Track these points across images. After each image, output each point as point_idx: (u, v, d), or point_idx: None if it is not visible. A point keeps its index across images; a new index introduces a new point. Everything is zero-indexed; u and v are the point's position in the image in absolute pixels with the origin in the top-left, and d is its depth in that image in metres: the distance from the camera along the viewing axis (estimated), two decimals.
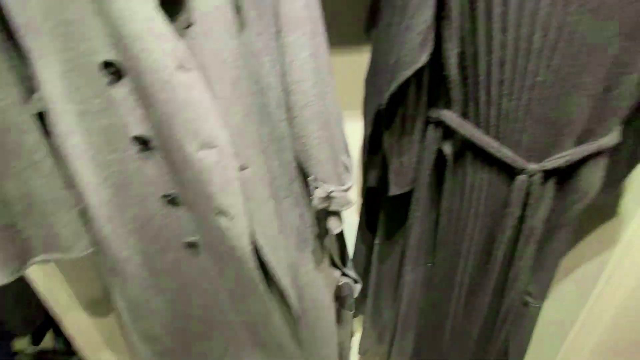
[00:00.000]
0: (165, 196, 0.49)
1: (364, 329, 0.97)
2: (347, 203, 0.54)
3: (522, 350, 0.71)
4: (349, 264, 1.02)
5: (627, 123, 0.51)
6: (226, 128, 0.43)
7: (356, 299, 1.01)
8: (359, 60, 0.67)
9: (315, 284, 0.70)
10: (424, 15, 0.44)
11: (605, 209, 0.66)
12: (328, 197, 0.52)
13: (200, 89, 0.40)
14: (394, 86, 0.49)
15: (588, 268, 0.72)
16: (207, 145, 0.42)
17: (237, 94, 0.44)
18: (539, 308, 0.65)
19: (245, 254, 0.50)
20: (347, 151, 0.62)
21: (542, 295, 0.65)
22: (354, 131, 0.67)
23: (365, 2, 0.63)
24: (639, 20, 0.42)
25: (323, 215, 0.58)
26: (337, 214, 0.56)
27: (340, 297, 0.95)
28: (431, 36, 0.47)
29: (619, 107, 0.47)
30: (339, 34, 0.76)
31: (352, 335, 1.08)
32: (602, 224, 0.68)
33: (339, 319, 1.01)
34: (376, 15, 0.58)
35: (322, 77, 0.48)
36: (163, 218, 0.50)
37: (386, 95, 0.51)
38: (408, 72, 0.48)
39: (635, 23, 0.42)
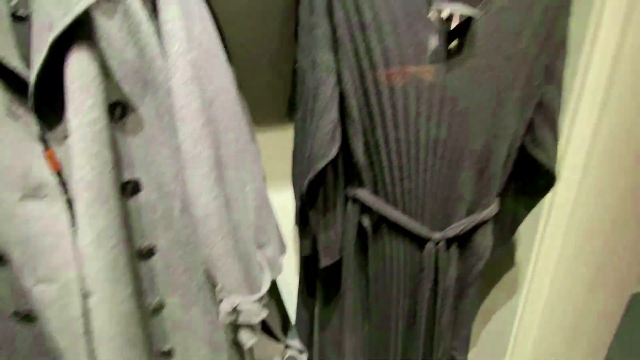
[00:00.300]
0: (16, 313, 0.45)
1: None
2: (258, 314, 0.52)
3: None
4: (292, 333, 0.99)
5: (503, 195, 0.62)
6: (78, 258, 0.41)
7: None
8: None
9: None
10: (330, 117, 0.52)
11: (504, 264, 0.77)
12: (235, 310, 0.50)
13: (48, 219, 0.40)
14: (311, 175, 0.55)
15: (500, 317, 0.81)
16: (46, 280, 0.41)
17: (106, 206, 0.42)
18: None
19: None
20: (270, 243, 0.64)
21: (465, 350, 0.70)
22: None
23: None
24: (497, 124, 0.53)
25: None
26: (248, 327, 0.54)
27: None
28: (338, 132, 0.54)
29: (492, 184, 0.58)
30: (271, 112, 0.82)
31: None
32: (504, 276, 0.79)
33: None
34: (294, 106, 0.65)
35: (227, 185, 0.49)
36: (21, 338, 0.46)
37: (305, 183, 0.56)
38: (321, 164, 0.53)
39: (495, 126, 0.53)
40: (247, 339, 0.54)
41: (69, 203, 0.44)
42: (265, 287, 0.55)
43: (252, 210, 0.61)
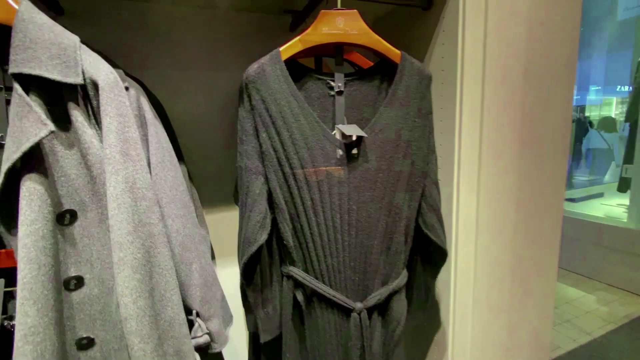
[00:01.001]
0: None
1: None
2: None
3: None
4: None
5: (414, 268, 0.74)
6: None
7: None
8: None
9: None
10: (259, 209, 0.64)
11: (428, 327, 0.86)
12: None
13: None
14: (245, 258, 0.64)
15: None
16: None
17: (36, 306, 0.47)
18: None
19: None
20: (215, 317, 0.69)
21: None
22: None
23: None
24: (392, 210, 0.68)
25: None
26: None
27: None
28: (268, 221, 0.65)
29: (398, 258, 0.70)
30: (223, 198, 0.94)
31: None
32: (431, 337, 0.88)
33: None
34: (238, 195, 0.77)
35: (158, 285, 0.55)
36: None
37: (241, 266, 0.65)
38: (253, 249, 0.63)
39: (391, 212, 0.68)
40: None
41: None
42: None
43: (198, 287, 0.68)
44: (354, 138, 0.64)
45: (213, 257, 1.00)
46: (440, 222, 0.72)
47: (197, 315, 0.69)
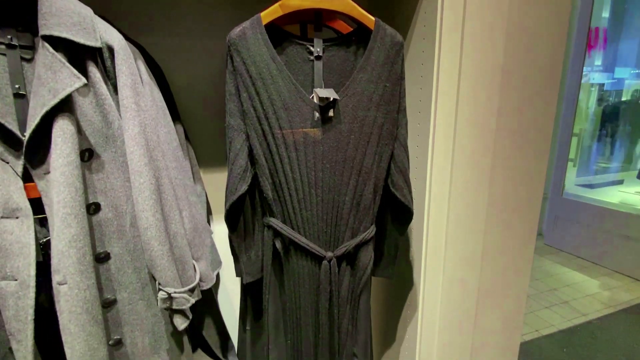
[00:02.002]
0: None
1: None
2: (188, 301, 0.68)
3: None
4: (232, 353, 1.09)
5: (384, 225, 0.81)
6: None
7: None
8: None
9: None
10: (239, 163, 0.71)
11: (402, 283, 0.93)
12: (170, 298, 0.66)
13: (18, 232, 0.57)
14: (227, 205, 0.73)
15: (405, 324, 0.96)
16: (9, 277, 0.56)
17: (76, 220, 0.59)
18: None
19: None
20: (203, 259, 0.80)
21: (364, 354, 0.83)
22: None
23: None
24: (362, 170, 0.74)
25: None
26: (181, 312, 0.69)
27: None
28: (248, 175, 0.73)
29: (366, 214, 0.76)
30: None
31: None
32: (402, 295, 0.95)
33: None
34: None
35: (165, 205, 0.67)
36: None
37: (225, 212, 0.73)
38: (233, 198, 0.71)
39: (361, 172, 0.74)
40: (180, 322, 0.69)
41: (44, 222, 0.62)
42: (195, 282, 0.71)
43: (188, 230, 0.78)
44: (331, 100, 0.70)
45: (210, 212, 1.10)
46: (408, 183, 0.78)
47: None
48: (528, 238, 1.02)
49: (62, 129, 0.56)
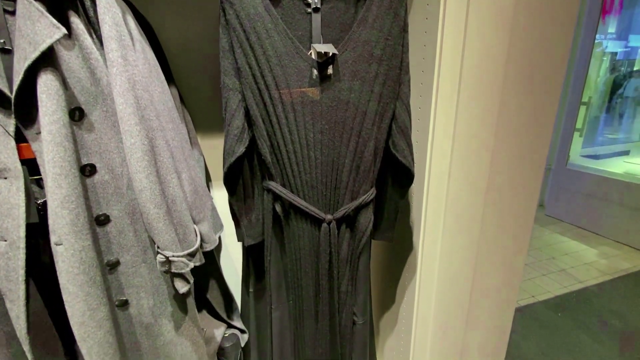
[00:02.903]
0: None
1: None
2: (187, 265, 0.68)
3: None
4: (236, 315, 1.13)
5: (384, 188, 0.80)
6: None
7: (246, 349, 1.10)
8: None
9: (179, 341, 0.80)
10: (236, 124, 0.69)
11: (401, 247, 0.93)
12: (168, 261, 0.66)
13: (7, 193, 0.56)
14: (225, 168, 0.72)
15: (403, 288, 0.98)
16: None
17: (67, 179, 0.57)
18: (363, 325, 0.86)
19: (22, 333, 0.60)
20: (205, 221, 0.80)
21: (363, 314, 0.85)
22: None
23: None
24: (362, 131, 0.72)
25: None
26: (181, 275, 0.69)
27: (225, 349, 1.05)
28: (245, 136, 0.71)
29: (366, 176, 0.75)
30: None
31: None
32: (402, 258, 0.96)
33: None
34: None
35: (161, 168, 0.65)
36: None
37: (223, 175, 0.73)
38: (231, 159, 0.70)
39: (361, 132, 0.72)
40: (181, 286, 0.70)
41: (41, 182, 0.61)
42: (195, 246, 0.71)
43: (188, 193, 0.77)
44: (330, 55, 0.66)
45: (210, 179, 1.10)
46: (409, 144, 0.76)
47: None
48: (529, 203, 1.01)
49: (46, 85, 0.54)
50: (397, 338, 1.09)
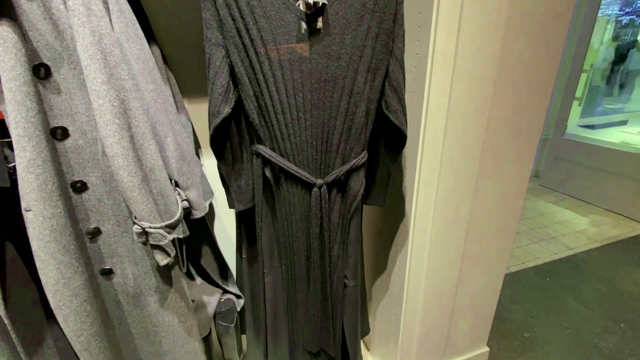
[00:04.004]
0: None
1: (248, 341, 1.09)
2: (165, 237, 0.65)
3: (354, 324, 0.91)
4: (232, 281, 1.14)
5: (376, 152, 0.77)
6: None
7: (242, 313, 1.12)
8: None
9: (165, 313, 0.80)
10: (220, 82, 0.65)
11: (394, 213, 0.93)
12: (145, 233, 0.64)
13: None
14: (211, 130, 0.69)
15: (396, 253, 0.98)
16: None
17: (31, 142, 0.54)
18: (354, 287, 0.87)
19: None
20: (193, 187, 0.78)
21: (354, 276, 0.86)
22: None
23: None
24: (354, 89, 0.68)
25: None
26: (159, 247, 0.67)
27: (221, 313, 1.07)
28: (231, 95, 0.68)
29: (358, 138, 0.73)
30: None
31: (241, 351, 1.18)
32: (395, 223, 0.95)
33: (224, 334, 1.11)
34: None
35: (137, 133, 0.61)
36: None
37: (210, 137, 0.70)
38: (217, 121, 0.67)
39: (353, 91, 0.68)
40: (160, 259, 0.68)
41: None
42: (176, 218, 0.69)
43: (173, 159, 0.75)
44: (320, 6, 0.62)
45: (199, 146, 1.07)
46: (402, 105, 0.73)
47: (177, 185, 0.78)
48: (524, 170, 1.00)
49: (2, 37, 0.50)
50: (389, 302, 1.11)
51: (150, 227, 0.64)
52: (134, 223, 0.64)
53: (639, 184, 2.51)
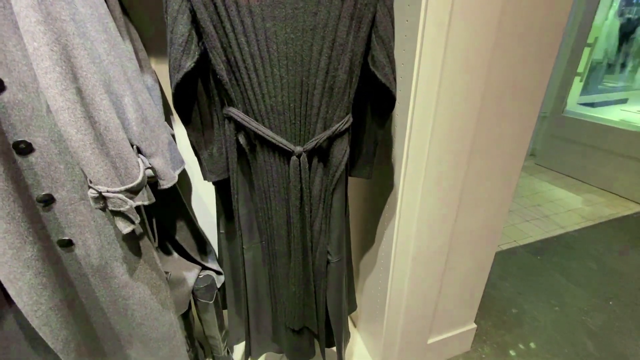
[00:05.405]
0: None
1: (230, 317, 1.05)
2: (126, 202, 0.58)
3: (338, 302, 0.87)
4: (212, 256, 1.09)
5: (362, 117, 0.70)
6: None
7: (223, 290, 1.08)
8: None
9: (135, 284, 0.74)
10: (180, 30, 0.56)
11: (381, 184, 0.86)
12: (102, 197, 0.56)
13: None
14: (173, 87, 0.60)
15: (383, 228, 0.93)
16: None
17: None
18: (337, 263, 0.81)
19: None
20: (158, 155, 0.70)
21: (338, 252, 0.81)
22: None
23: None
24: (336, 41, 0.59)
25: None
26: (121, 214, 0.60)
27: (199, 290, 1.02)
28: (193, 46, 0.59)
29: (341, 99, 0.65)
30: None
31: (222, 328, 1.14)
32: (382, 197, 0.89)
33: (203, 312, 1.07)
34: None
35: (84, 85, 0.53)
36: None
37: (172, 96, 0.61)
38: (178, 76, 0.59)
39: (335, 43, 0.60)
40: (123, 226, 0.61)
41: None
42: (137, 181, 0.61)
43: (133, 121, 0.67)
44: None
45: (170, 112, 0.98)
46: (391, 59, 0.64)
47: (139, 151, 0.70)
48: (520, 145, 0.93)
49: None
50: (376, 277, 1.07)
51: (108, 192, 0.57)
52: (89, 187, 0.57)
53: (638, 163, 2.47)
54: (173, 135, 0.92)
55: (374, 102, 0.72)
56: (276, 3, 0.56)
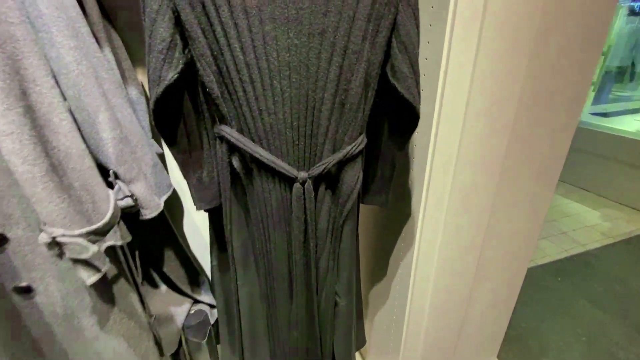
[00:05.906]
0: None
1: (223, 357, 0.93)
2: (85, 250, 0.48)
3: (347, 348, 0.75)
4: (204, 289, 0.98)
5: (378, 138, 0.59)
6: None
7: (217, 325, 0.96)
8: None
9: (108, 338, 0.63)
10: (160, 35, 0.46)
11: (397, 212, 0.75)
12: (56, 243, 0.46)
13: None
14: (152, 103, 0.50)
15: (397, 259, 0.81)
16: None
17: None
18: (346, 306, 0.70)
19: None
20: (140, 180, 0.59)
21: (347, 294, 0.69)
22: None
23: None
24: (349, 48, 0.49)
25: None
26: (84, 262, 0.50)
27: (191, 327, 0.90)
28: (176, 54, 0.49)
29: (355, 117, 0.54)
30: None
31: None
32: (398, 223, 0.78)
33: (195, 351, 0.95)
34: None
35: (37, 103, 0.44)
36: None
37: (150, 113, 0.51)
38: (159, 90, 0.48)
39: (347, 50, 0.49)
40: (86, 276, 0.50)
41: None
42: (103, 221, 0.51)
43: (109, 142, 0.56)
44: None
45: None
46: (415, 71, 0.53)
47: (116, 177, 0.60)
48: (555, 163, 0.82)
49: None
50: (389, 311, 0.95)
51: (64, 236, 0.46)
52: (40, 229, 0.46)
53: None
54: (162, 155, 0.82)
55: (392, 119, 0.61)
56: (277, 2, 0.46)
